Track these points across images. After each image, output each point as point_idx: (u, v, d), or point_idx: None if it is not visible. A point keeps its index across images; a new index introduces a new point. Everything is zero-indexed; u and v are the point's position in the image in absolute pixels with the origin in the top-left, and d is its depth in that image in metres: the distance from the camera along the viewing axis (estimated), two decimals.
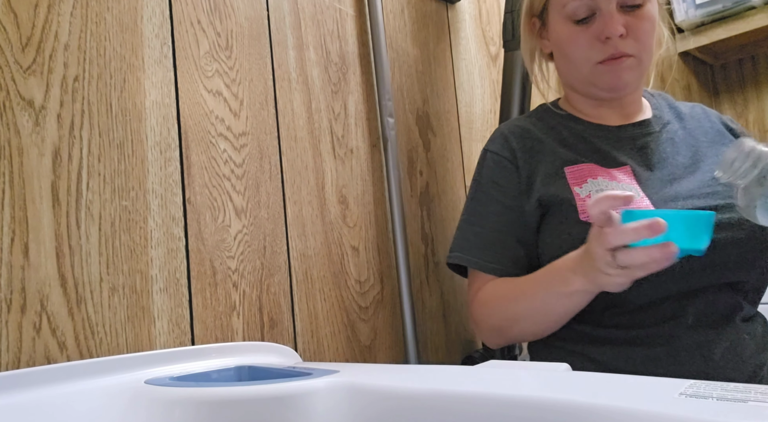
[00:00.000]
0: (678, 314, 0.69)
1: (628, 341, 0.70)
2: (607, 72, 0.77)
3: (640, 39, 0.76)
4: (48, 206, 0.58)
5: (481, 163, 0.85)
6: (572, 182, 0.75)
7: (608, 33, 0.75)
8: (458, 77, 1.15)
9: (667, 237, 0.55)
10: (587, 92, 0.82)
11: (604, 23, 0.75)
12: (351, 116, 0.92)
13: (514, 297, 0.74)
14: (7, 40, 0.58)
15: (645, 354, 0.69)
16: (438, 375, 0.48)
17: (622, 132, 0.81)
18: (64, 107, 0.61)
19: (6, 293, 0.55)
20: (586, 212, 0.72)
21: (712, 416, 0.30)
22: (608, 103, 0.83)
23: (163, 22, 0.70)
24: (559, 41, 0.80)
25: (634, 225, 0.55)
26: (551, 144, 0.80)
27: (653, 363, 0.68)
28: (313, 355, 0.81)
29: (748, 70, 1.98)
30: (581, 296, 0.67)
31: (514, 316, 0.74)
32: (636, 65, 0.77)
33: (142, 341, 0.63)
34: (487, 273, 0.78)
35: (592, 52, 0.77)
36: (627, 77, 0.77)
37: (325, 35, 0.90)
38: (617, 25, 0.74)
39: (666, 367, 0.67)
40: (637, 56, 0.77)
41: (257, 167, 0.77)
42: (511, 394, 0.39)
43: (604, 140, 0.80)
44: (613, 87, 0.78)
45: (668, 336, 0.68)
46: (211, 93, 0.74)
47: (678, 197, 0.73)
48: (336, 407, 0.47)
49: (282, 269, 0.78)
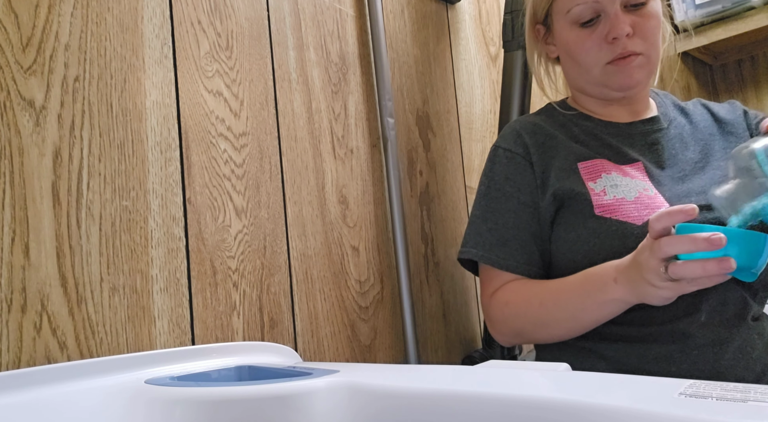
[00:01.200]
0: (691, 312, 0.69)
1: (640, 338, 0.70)
2: (617, 72, 0.77)
3: (646, 37, 0.77)
4: (48, 206, 0.58)
5: (492, 160, 0.84)
6: (586, 177, 0.75)
7: (615, 34, 0.75)
8: (458, 77, 1.15)
9: (724, 253, 0.53)
10: (598, 93, 0.82)
11: (610, 24, 0.75)
12: (351, 116, 0.92)
13: (544, 302, 0.73)
14: (8, 41, 0.58)
15: (657, 352, 0.69)
16: (438, 374, 0.48)
17: (632, 129, 0.82)
18: (65, 107, 0.61)
19: (6, 293, 0.55)
20: (602, 207, 0.72)
21: (712, 416, 0.30)
22: (618, 102, 0.83)
23: (163, 22, 0.70)
24: (567, 46, 0.80)
25: (693, 236, 0.54)
26: (563, 139, 0.80)
27: (666, 361, 0.68)
28: (313, 355, 0.81)
29: (747, 71, 1.98)
30: (618, 305, 0.66)
31: (543, 321, 0.73)
32: (645, 63, 0.78)
33: (142, 341, 0.63)
34: (502, 270, 0.78)
35: (601, 54, 0.77)
36: (637, 75, 0.78)
37: (325, 36, 0.90)
38: (623, 25, 0.75)
39: (678, 365, 0.67)
40: (645, 54, 0.77)
41: (257, 167, 0.78)
42: (511, 394, 0.39)
43: (615, 136, 0.81)
44: (624, 86, 0.79)
45: (681, 333, 0.68)
46: (212, 93, 0.74)
47: (691, 193, 0.73)
48: (336, 407, 0.47)
49: (282, 269, 0.78)
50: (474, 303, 1.10)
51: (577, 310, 0.69)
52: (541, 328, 0.74)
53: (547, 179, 0.78)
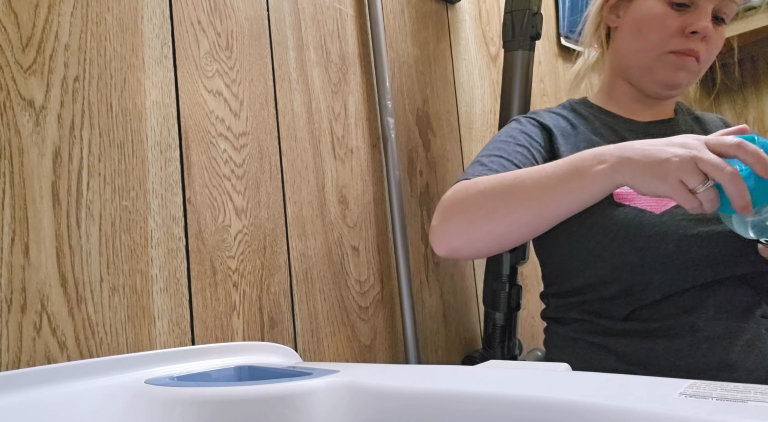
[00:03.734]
0: (699, 306, 0.69)
1: (649, 333, 0.70)
2: (671, 64, 0.78)
3: (710, 50, 0.78)
4: (48, 206, 0.58)
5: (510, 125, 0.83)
6: None
7: (697, 28, 0.75)
8: (458, 77, 1.15)
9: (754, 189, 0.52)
10: (637, 81, 0.83)
11: (698, 17, 0.76)
12: (351, 116, 0.92)
13: (519, 176, 0.66)
14: (8, 41, 0.58)
15: (667, 346, 0.68)
16: (438, 375, 0.48)
17: (651, 128, 0.83)
18: (65, 107, 0.61)
19: (6, 293, 0.55)
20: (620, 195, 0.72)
21: (712, 416, 0.30)
22: (645, 99, 0.84)
23: (163, 22, 0.70)
24: (644, 17, 0.80)
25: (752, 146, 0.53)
26: (585, 132, 0.81)
27: (675, 355, 0.68)
28: (313, 355, 0.81)
29: (747, 71, 1.98)
30: (597, 185, 0.61)
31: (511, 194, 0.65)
32: (696, 71, 0.79)
33: (142, 341, 0.63)
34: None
35: (671, 40, 0.77)
36: (684, 78, 0.79)
37: (325, 35, 0.90)
38: (708, 24, 0.75)
39: (687, 359, 0.67)
40: (701, 63, 0.79)
41: (257, 167, 0.78)
42: (511, 394, 0.39)
43: (634, 134, 0.81)
44: (668, 82, 0.79)
45: (690, 327, 0.68)
46: (212, 93, 0.74)
47: None
48: (336, 407, 0.47)
49: (282, 269, 0.78)
50: (474, 303, 1.10)
51: (549, 185, 0.64)
52: (504, 206, 0.66)
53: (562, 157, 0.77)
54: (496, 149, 0.78)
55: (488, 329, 1.04)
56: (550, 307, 0.82)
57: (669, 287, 0.69)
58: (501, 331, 1.03)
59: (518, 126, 0.82)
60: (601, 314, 0.73)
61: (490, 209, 0.67)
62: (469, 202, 0.68)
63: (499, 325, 1.03)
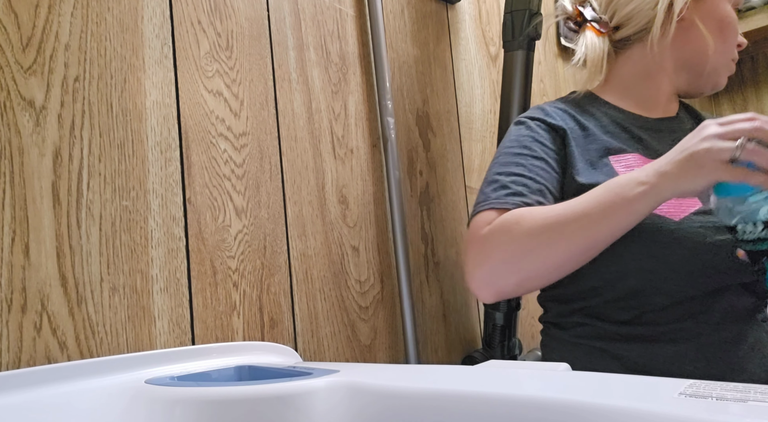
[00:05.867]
0: (705, 311, 0.69)
1: (653, 338, 0.70)
2: (729, 71, 0.84)
3: None
4: (48, 206, 0.58)
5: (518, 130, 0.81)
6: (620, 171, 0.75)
7: (742, 43, 0.85)
8: (458, 77, 1.15)
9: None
10: (695, 79, 0.85)
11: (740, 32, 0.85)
12: (351, 116, 0.92)
13: (548, 215, 0.65)
14: (8, 41, 0.58)
15: (671, 351, 0.68)
16: (438, 374, 0.48)
17: (660, 124, 0.83)
18: (65, 107, 0.61)
19: (6, 293, 0.55)
20: None
21: (712, 416, 0.30)
22: (674, 98, 0.87)
23: (163, 22, 0.70)
24: (726, 17, 0.82)
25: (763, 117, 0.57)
26: (594, 130, 0.79)
27: (679, 360, 0.68)
28: (313, 355, 0.81)
29: (747, 71, 1.98)
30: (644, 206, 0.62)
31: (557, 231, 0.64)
32: None
33: (142, 341, 0.63)
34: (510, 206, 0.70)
35: (733, 49, 0.84)
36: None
37: (325, 36, 0.90)
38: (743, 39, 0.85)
39: (692, 364, 0.67)
40: None
41: (257, 167, 0.78)
42: (511, 394, 0.39)
43: (644, 130, 0.81)
44: (719, 86, 0.85)
45: (695, 332, 0.68)
46: (212, 93, 0.74)
47: None
48: (336, 407, 0.47)
49: (282, 269, 0.78)
50: (474, 303, 1.10)
51: (591, 219, 0.63)
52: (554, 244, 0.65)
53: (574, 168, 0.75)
54: (514, 164, 0.75)
55: (488, 329, 1.04)
56: (549, 311, 0.82)
57: (678, 293, 0.68)
58: (501, 331, 1.03)
59: (529, 133, 0.79)
60: (604, 318, 0.72)
61: (540, 249, 0.65)
62: (517, 245, 0.66)
63: (499, 325, 1.03)
